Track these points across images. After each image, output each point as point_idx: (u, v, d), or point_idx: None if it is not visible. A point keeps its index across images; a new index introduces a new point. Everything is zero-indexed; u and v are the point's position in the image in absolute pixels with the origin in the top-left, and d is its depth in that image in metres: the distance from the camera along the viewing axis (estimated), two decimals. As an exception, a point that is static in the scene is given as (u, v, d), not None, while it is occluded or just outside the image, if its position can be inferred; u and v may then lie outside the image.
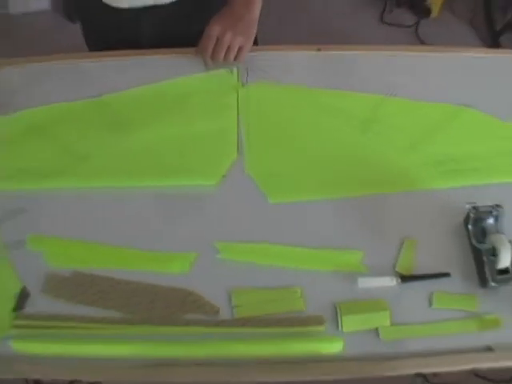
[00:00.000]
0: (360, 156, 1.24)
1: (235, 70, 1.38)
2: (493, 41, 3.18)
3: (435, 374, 1.03)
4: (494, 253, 1.02)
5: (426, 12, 3.27)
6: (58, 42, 2.20)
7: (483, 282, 1.04)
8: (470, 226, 1.08)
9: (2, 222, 1.15)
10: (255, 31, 1.36)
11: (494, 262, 1.01)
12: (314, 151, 1.25)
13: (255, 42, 1.41)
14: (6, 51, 1.34)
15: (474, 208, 1.06)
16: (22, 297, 1.05)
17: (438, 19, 3.30)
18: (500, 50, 1.44)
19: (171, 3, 1.43)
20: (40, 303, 1.05)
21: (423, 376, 1.04)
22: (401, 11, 3.34)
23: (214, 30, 1.31)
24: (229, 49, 1.33)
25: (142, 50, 1.43)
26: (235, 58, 1.36)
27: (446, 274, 1.06)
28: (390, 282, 1.05)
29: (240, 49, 1.34)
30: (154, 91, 1.35)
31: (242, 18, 1.33)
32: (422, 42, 3.17)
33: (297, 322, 1.02)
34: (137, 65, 1.41)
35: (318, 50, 1.39)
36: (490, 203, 1.07)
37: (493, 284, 1.02)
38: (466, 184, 1.18)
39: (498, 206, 1.06)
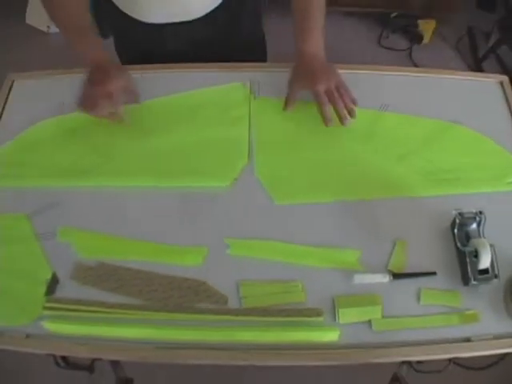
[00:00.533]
0: (358, 164, 1.24)
1: (248, 84, 1.38)
2: (476, 66, 3.18)
3: (419, 362, 1.03)
4: (475, 255, 1.03)
5: (419, 38, 3.28)
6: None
7: (466, 280, 1.05)
8: (455, 230, 1.09)
9: (37, 215, 1.16)
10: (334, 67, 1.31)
11: (475, 263, 1.02)
12: (316, 159, 1.25)
13: (264, 60, 1.39)
14: (44, 67, 1.33)
15: (460, 214, 1.07)
16: (53, 283, 1.07)
17: (429, 45, 3.31)
18: (482, 74, 1.45)
19: (196, 19, 1.41)
20: (68, 289, 1.07)
21: (409, 363, 1.03)
22: (396, 37, 3.35)
23: (319, 89, 1.25)
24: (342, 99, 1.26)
25: (166, 64, 1.42)
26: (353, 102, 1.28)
27: (433, 273, 1.07)
28: (383, 278, 1.06)
29: (342, 85, 1.28)
30: (175, 101, 1.35)
31: (322, 66, 1.28)
32: (415, 65, 3.18)
33: (298, 313, 1.03)
34: (160, 77, 1.41)
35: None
36: (473, 210, 1.07)
37: (474, 282, 1.03)
38: (452, 192, 1.19)
39: (480, 212, 1.07)
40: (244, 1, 1.45)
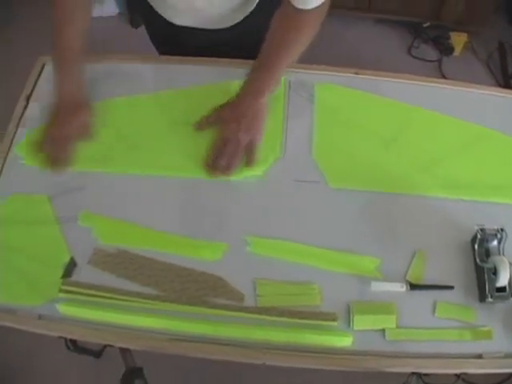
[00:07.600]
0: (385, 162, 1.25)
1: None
2: (505, 82, 3.17)
3: (426, 374, 1.04)
4: (494, 272, 1.03)
5: (450, 50, 3.26)
6: (121, 44, 2.19)
7: (482, 297, 1.05)
8: (476, 246, 1.09)
9: (59, 198, 1.17)
10: (264, 121, 1.22)
11: (493, 280, 1.03)
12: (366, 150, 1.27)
13: None
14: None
15: (481, 230, 1.08)
16: (70, 266, 1.08)
17: (459, 58, 3.29)
18: (509, 91, 1.42)
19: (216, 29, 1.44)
20: (85, 273, 1.08)
21: (418, 374, 1.03)
22: (427, 47, 3.33)
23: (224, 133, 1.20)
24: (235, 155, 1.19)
25: (199, 58, 1.41)
26: (247, 164, 1.20)
27: (450, 287, 1.08)
28: (400, 288, 1.06)
29: (250, 145, 1.19)
30: (203, 91, 1.34)
31: (247, 110, 1.20)
32: (444, 77, 3.16)
33: (312, 316, 1.03)
34: (186, 70, 1.39)
35: (356, 73, 1.38)
36: (495, 227, 1.07)
37: (490, 300, 1.03)
38: (470, 199, 1.19)
39: (502, 230, 1.07)
40: (268, 10, 1.44)
